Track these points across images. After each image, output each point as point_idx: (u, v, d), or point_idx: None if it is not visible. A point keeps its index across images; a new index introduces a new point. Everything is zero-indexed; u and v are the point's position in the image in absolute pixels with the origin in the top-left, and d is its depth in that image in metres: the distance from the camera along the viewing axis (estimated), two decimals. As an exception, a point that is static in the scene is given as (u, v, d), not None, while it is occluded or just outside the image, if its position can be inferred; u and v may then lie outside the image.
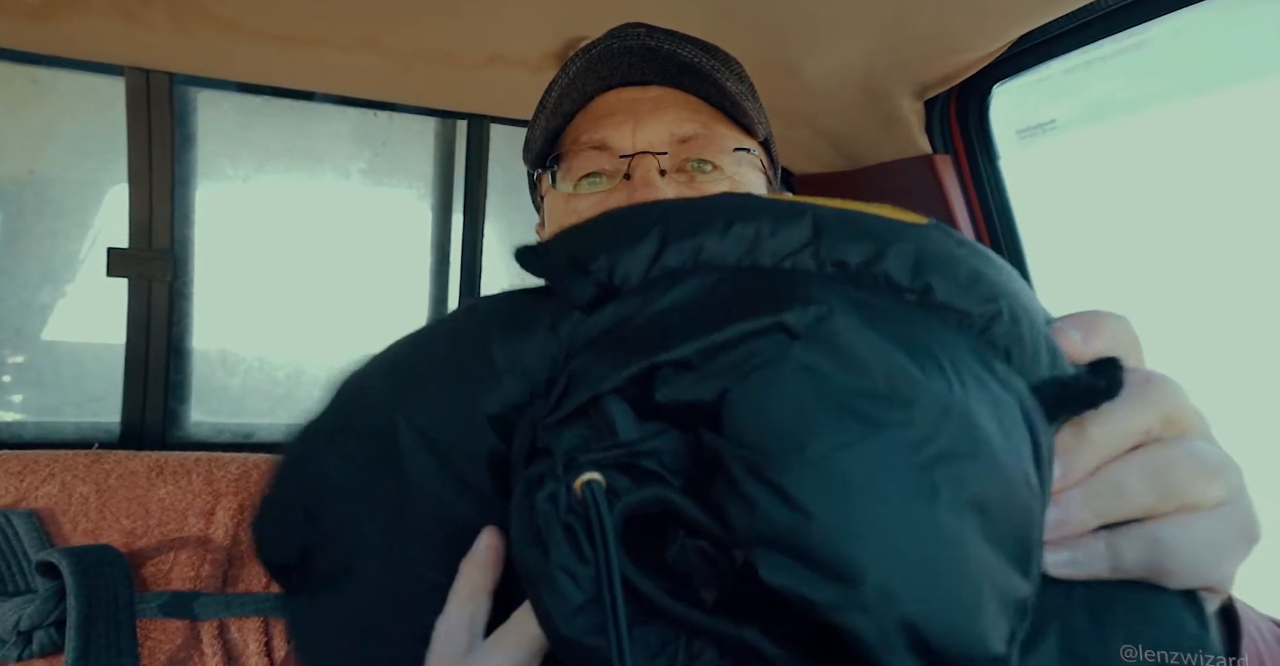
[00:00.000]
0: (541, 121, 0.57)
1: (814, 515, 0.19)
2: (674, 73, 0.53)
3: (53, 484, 0.96)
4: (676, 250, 0.26)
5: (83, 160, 1.16)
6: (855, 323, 0.22)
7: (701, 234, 0.26)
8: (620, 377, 0.23)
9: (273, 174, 1.27)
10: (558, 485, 0.23)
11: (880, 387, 0.21)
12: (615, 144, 0.53)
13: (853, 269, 0.25)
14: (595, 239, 0.27)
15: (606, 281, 0.26)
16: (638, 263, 0.26)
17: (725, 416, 0.21)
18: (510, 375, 0.27)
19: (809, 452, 0.20)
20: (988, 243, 1.07)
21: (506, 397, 0.27)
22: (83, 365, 1.19)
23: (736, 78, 0.55)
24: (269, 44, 0.99)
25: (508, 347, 0.27)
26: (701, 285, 0.25)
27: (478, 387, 0.27)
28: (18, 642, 0.85)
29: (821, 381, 0.21)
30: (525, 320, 0.27)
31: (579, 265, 0.26)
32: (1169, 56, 0.88)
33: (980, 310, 0.25)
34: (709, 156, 0.53)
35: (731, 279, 0.25)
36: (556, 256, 0.27)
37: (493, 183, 1.33)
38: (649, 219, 0.27)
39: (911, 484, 0.20)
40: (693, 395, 0.23)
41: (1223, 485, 0.23)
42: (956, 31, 0.86)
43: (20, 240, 1.14)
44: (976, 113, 1.05)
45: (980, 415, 0.21)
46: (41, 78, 1.14)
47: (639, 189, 0.51)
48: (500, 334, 0.27)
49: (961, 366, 0.22)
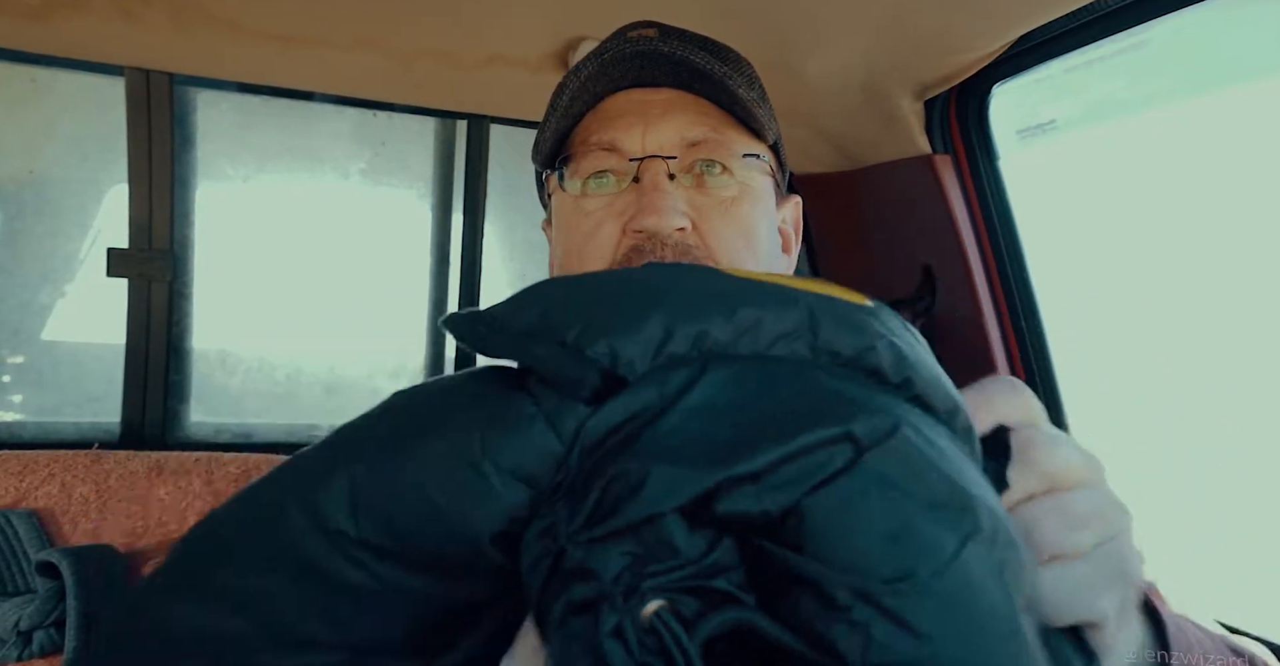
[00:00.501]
0: (552, 123, 0.57)
1: (934, 639, 0.19)
2: (685, 77, 0.53)
3: (53, 484, 0.96)
4: (682, 337, 0.24)
5: (83, 160, 1.16)
6: (914, 432, 0.22)
7: (705, 319, 0.25)
8: (688, 494, 0.21)
9: (273, 174, 1.27)
10: (620, 617, 0.20)
11: (948, 496, 0.21)
12: (625, 146, 0.53)
13: (843, 359, 0.25)
14: (581, 316, 0.25)
15: (610, 369, 0.24)
16: (642, 348, 0.24)
17: (803, 533, 0.20)
18: (507, 481, 0.24)
19: (920, 574, 0.19)
20: (987, 243, 1.07)
21: (505, 508, 0.24)
22: (83, 365, 1.19)
23: (748, 82, 0.55)
24: (269, 44, 0.99)
25: (500, 453, 0.24)
26: (730, 380, 0.24)
27: (471, 504, 0.24)
28: (18, 642, 0.85)
29: (903, 496, 0.20)
30: (512, 416, 0.24)
31: (572, 351, 0.24)
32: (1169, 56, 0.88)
33: (944, 406, 0.25)
34: (718, 158, 0.53)
35: (754, 371, 0.24)
36: (532, 338, 0.24)
37: (493, 183, 1.33)
38: (640, 300, 0.25)
39: (997, 594, 0.20)
40: (757, 507, 0.21)
41: (1091, 534, 0.26)
42: (956, 31, 0.86)
43: (20, 240, 1.14)
44: (976, 113, 1.05)
45: (999, 508, 0.22)
46: (41, 78, 1.14)
47: (648, 193, 0.51)
48: (485, 437, 0.24)
49: (968, 463, 0.23)
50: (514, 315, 0.26)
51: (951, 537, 0.20)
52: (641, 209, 0.50)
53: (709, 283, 0.27)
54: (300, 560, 0.24)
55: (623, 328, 0.24)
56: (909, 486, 0.21)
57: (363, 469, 0.25)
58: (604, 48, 0.54)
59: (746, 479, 0.21)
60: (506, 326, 0.25)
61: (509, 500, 0.24)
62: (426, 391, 0.27)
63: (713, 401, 0.23)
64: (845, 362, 0.25)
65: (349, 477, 0.25)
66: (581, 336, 0.24)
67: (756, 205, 0.54)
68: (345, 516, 0.24)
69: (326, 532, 0.24)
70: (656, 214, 0.49)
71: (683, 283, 0.27)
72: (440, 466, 0.24)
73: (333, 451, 0.26)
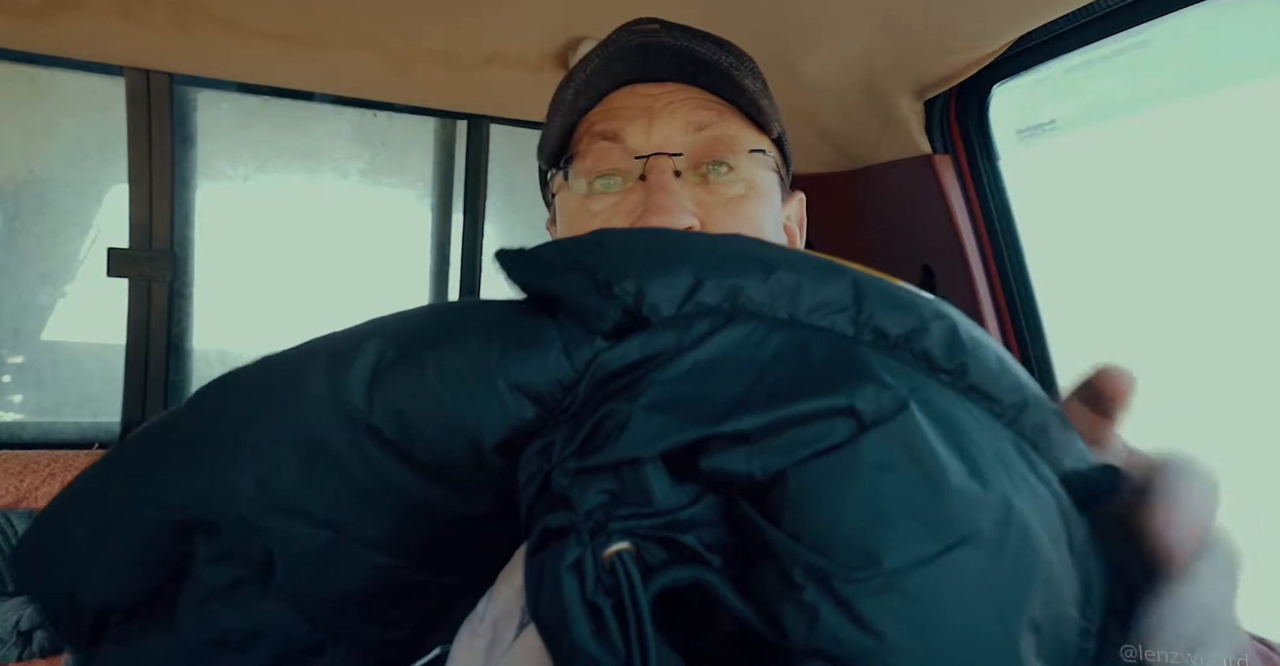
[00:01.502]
0: (557, 120, 0.56)
1: (887, 639, 0.18)
2: (690, 69, 0.53)
3: (53, 484, 0.96)
4: (713, 287, 0.24)
5: (83, 160, 1.16)
6: (925, 416, 0.21)
7: (740, 275, 0.24)
8: (669, 444, 0.21)
9: (272, 174, 1.27)
10: (583, 550, 0.20)
11: (951, 494, 0.19)
12: (629, 140, 0.52)
13: (891, 340, 0.23)
14: (618, 258, 0.25)
15: (634, 308, 0.24)
16: (670, 293, 0.24)
17: (782, 503, 0.20)
18: (516, 397, 0.24)
19: (885, 567, 0.18)
20: (987, 243, 1.07)
21: (511, 420, 0.24)
22: (83, 365, 1.19)
23: (751, 74, 0.55)
24: (269, 44, 0.99)
25: (512, 367, 0.24)
26: (751, 337, 0.23)
27: (478, 410, 0.24)
28: (18, 643, 0.85)
29: (896, 483, 0.19)
30: (533, 336, 0.24)
31: (601, 285, 0.24)
32: (1169, 56, 0.88)
33: (1010, 399, 0.23)
34: (724, 158, 0.53)
35: (781, 334, 0.23)
36: (569, 270, 0.25)
37: (493, 183, 1.33)
38: (675, 250, 0.25)
39: (982, 607, 0.19)
40: (744, 468, 0.20)
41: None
42: (956, 31, 0.86)
43: (20, 240, 1.14)
44: (976, 113, 1.05)
45: (1031, 518, 0.20)
46: (41, 78, 1.14)
47: (655, 191, 0.50)
48: (504, 350, 0.24)
49: (1011, 464, 0.21)
50: (558, 252, 0.26)
51: (936, 537, 0.19)
52: (648, 209, 0.49)
53: (748, 246, 0.26)
54: (310, 437, 0.25)
55: (653, 271, 0.24)
56: (906, 476, 0.19)
57: (391, 355, 0.25)
58: (607, 42, 0.54)
59: (736, 438, 0.21)
60: (547, 261, 0.25)
61: (515, 413, 0.24)
62: (473, 303, 0.28)
63: (726, 355, 0.22)
64: (893, 343, 0.23)
65: (376, 358, 0.25)
66: (612, 273, 0.24)
67: (763, 203, 0.53)
68: (362, 397, 0.25)
69: (340, 409, 0.25)
70: (664, 213, 0.48)
71: (720, 243, 0.26)
72: (457, 367, 0.24)
73: (367, 332, 0.26)
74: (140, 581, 0.27)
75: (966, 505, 0.19)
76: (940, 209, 1.07)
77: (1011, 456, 0.22)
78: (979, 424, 0.22)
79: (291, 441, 0.25)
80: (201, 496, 0.26)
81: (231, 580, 0.26)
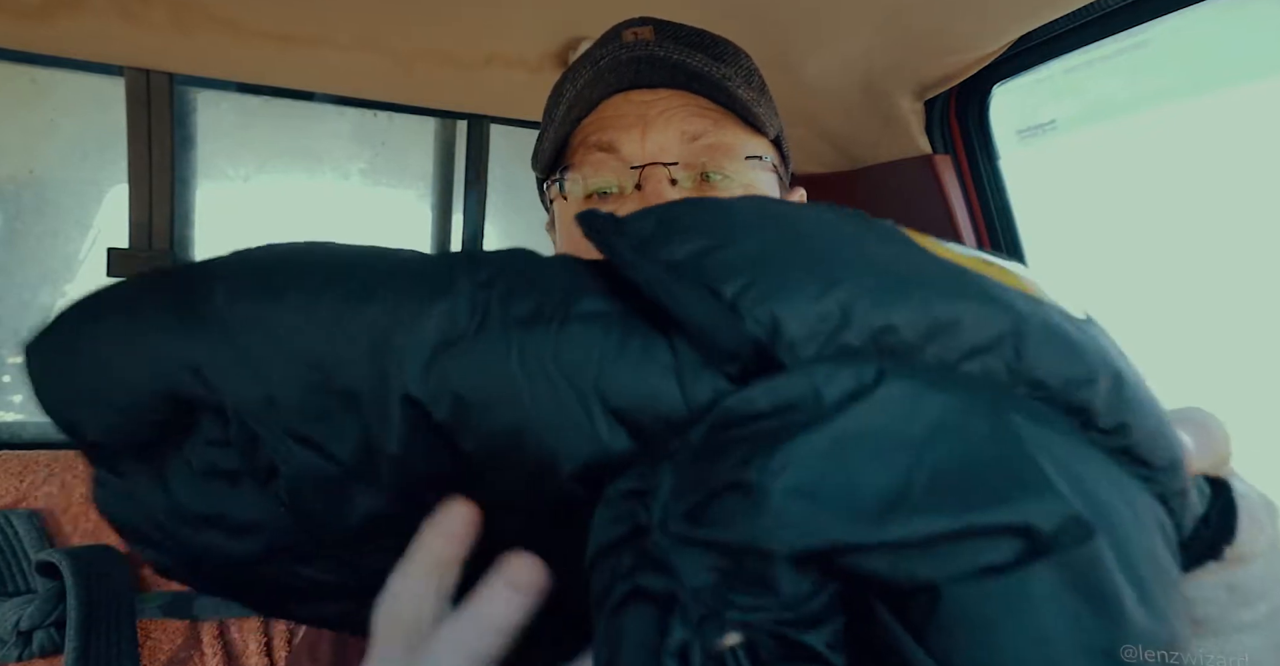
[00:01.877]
0: (550, 131, 0.56)
1: None
2: (682, 78, 0.53)
3: (53, 484, 0.96)
4: (862, 324, 0.19)
5: (83, 160, 1.16)
6: (1109, 543, 0.17)
7: (893, 309, 0.19)
8: (810, 544, 0.17)
9: (273, 174, 1.27)
10: (691, 638, 0.17)
11: (1125, 629, 0.17)
12: (624, 149, 0.52)
13: (1047, 391, 0.20)
14: (748, 264, 0.20)
15: (767, 343, 0.19)
16: (811, 329, 0.19)
17: (929, 621, 0.17)
18: (612, 425, 0.21)
19: None
20: (987, 244, 1.07)
21: (598, 448, 0.21)
22: (83, 365, 1.19)
23: (746, 80, 0.54)
24: (269, 44, 0.99)
25: (615, 388, 0.20)
26: (904, 403, 0.19)
27: (561, 429, 0.21)
28: (18, 642, 0.85)
29: (1076, 626, 0.16)
30: (644, 359, 0.21)
31: (728, 307, 0.20)
32: (1169, 56, 0.88)
33: (1162, 461, 0.20)
34: (721, 167, 0.52)
35: (937, 397, 0.19)
36: (687, 278, 0.20)
37: (493, 183, 1.33)
38: (828, 263, 0.20)
39: None
40: (889, 573, 0.17)
41: (1266, 605, 0.23)
42: (956, 31, 0.86)
43: (20, 240, 1.14)
44: (976, 113, 1.05)
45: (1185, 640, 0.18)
46: (41, 78, 1.13)
47: (651, 200, 0.50)
48: (604, 367, 0.20)
49: (1167, 570, 0.19)
50: (665, 238, 0.21)
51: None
52: None
53: (904, 256, 0.21)
54: (333, 375, 0.22)
55: (794, 295, 0.19)
56: (1085, 617, 0.16)
57: (477, 322, 0.21)
58: (599, 54, 0.54)
59: (891, 546, 0.17)
60: (653, 251, 0.21)
61: (606, 442, 0.21)
62: (585, 267, 0.24)
63: (881, 428, 0.18)
64: (1048, 396, 0.20)
65: (451, 320, 0.21)
66: (743, 294, 0.19)
67: None
68: (419, 369, 0.21)
69: (381, 365, 0.21)
70: None
71: (871, 249, 0.21)
72: (547, 366, 0.20)
73: (457, 266, 0.23)
74: (129, 432, 0.24)
75: (1137, 639, 0.17)
76: (940, 209, 1.07)
77: (1165, 546, 0.19)
78: (1135, 519, 0.19)
79: (306, 363, 0.22)
80: (201, 377, 0.23)
81: (232, 467, 0.24)
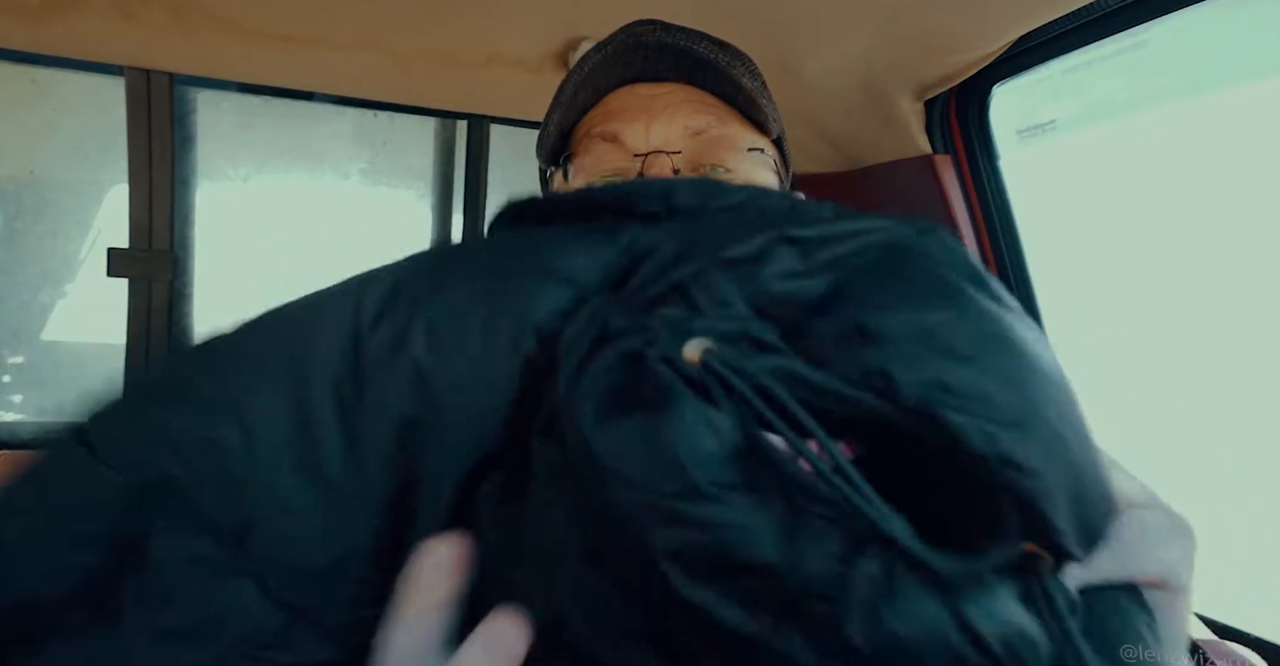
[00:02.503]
0: (555, 117, 0.56)
1: (976, 361, 0.20)
2: (688, 68, 0.53)
3: (53, 484, 0.96)
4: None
5: (83, 160, 1.16)
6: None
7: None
8: (748, 248, 0.23)
9: (273, 174, 1.27)
10: (668, 348, 0.21)
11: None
12: (628, 140, 0.53)
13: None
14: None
15: (666, 201, 0.26)
16: (694, 199, 0.27)
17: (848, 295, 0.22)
18: (559, 281, 0.25)
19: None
20: (987, 243, 1.07)
21: (555, 305, 0.24)
22: (83, 365, 1.19)
23: (750, 74, 0.55)
24: (269, 44, 0.99)
25: (558, 253, 0.25)
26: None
27: (528, 295, 0.25)
28: (18, 642, 0.85)
29: (943, 260, 0.23)
30: (572, 232, 0.26)
31: (640, 188, 0.27)
32: (1169, 56, 0.88)
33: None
34: (723, 160, 0.53)
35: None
36: (607, 187, 0.28)
37: (493, 183, 1.33)
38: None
39: (1029, 342, 0.22)
40: (803, 289, 0.23)
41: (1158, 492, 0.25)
42: (956, 31, 0.86)
43: (20, 240, 1.14)
44: (976, 113, 1.05)
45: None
46: (41, 78, 1.14)
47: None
48: (549, 242, 0.26)
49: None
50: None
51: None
52: None
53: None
54: (306, 374, 0.25)
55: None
56: (945, 258, 0.23)
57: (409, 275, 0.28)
58: (607, 41, 0.54)
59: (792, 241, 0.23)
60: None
61: (556, 295, 0.25)
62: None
63: (757, 211, 0.26)
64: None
65: (395, 277, 0.27)
66: (643, 185, 0.28)
67: None
68: (375, 310, 0.26)
69: (357, 333, 0.25)
70: None
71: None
72: (505, 261, 0.27)
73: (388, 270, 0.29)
74: (77, 567, 0.23)
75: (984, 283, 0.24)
76: (940, 209, 1.07)
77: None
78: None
79: (287, 379, 0.25)
80: (174, 448, 0.24)
81: (190, 555, 0.23)
